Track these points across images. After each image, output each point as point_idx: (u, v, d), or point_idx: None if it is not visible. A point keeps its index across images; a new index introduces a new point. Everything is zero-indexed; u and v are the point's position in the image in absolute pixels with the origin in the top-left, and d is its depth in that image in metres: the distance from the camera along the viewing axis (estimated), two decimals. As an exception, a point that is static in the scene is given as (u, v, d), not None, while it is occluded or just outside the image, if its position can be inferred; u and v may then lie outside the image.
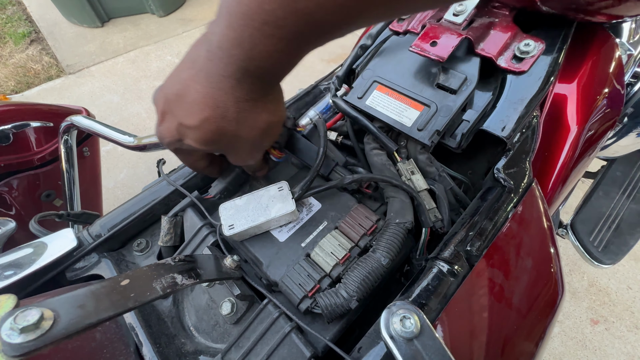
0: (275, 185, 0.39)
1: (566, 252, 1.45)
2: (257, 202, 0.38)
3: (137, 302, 0.24)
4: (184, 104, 0.27)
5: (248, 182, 0.45)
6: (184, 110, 0.28)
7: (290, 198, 0.38)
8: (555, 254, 0.39)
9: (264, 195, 0.38)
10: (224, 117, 0.27)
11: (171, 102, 0.28)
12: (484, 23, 0.43)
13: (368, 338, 0.31)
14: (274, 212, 0.37)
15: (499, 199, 0.39)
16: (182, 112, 0.28)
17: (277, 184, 0.39)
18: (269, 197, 0.38)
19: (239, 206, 0.38)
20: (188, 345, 0.36)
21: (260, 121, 0.29)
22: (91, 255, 0.41)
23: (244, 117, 0.28)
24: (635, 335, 1.27)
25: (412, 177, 0.42)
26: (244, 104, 0.27)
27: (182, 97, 0.27)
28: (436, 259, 0.34)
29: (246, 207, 0.38)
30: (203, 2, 2.76)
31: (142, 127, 1.88)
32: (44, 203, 0.87)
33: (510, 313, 0.34)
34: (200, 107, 0.27)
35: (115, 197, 1.57)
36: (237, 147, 0.31)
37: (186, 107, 0.27)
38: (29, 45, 2.28)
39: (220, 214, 0.38)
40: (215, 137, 0.28)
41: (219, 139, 0.29)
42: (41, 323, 0.20)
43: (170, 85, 0.29)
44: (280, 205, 0.37)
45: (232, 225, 0.36)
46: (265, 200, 0.38)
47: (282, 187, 0.39)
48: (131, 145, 0.55)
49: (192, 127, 0.28)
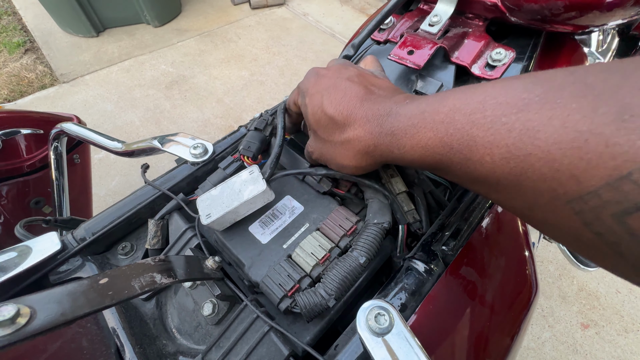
0: (246, 170, 0.40)
1: (555, 257, 1.47)
2: (230, 188, 0.38)
3: (114, 300, 0.25)
4: (334, 96, 0.32)
5: None
6: (330, 95, 0.32)
7: (261, 179, 0.38)
8: (530, 255, 0.41)
9: (237, 182, 0.39)
10: (343, 124, 0.31)
11: (325, 86, 0.33)
12: (458, 33, 0.45)
13: (345, 336, 0.32)
14: (246, 194, 0.37)
15: (474, 201, 0.40)
16: (328, 94, 0.32)
17: (247, 168, 0.40)
18: (241, 182, 0.39)
19: (214, 196, 0.38)
20: (169, 346, 0.36)
21: (345, 158, 0.33)
22: (75, 259, 0.41)
23: (346, 142, 0.32)
24: (625, 339, 1.28)
25: (391, 179, 0.43)
26: (347, 141, 0.31)
27: (336, 100, 0.32)
28: (412, 258, 0.36)
29: (221, 195, 0.38)
30: (198, 13, 2.81)
31: (135, 135, 1.88)
32: (33, 210, 0.87)
33: (484, 310, 0.35)
34: (342, 103, 0.31)
35: (106, 204, 1.55)
36: (325, 143, 0.35)
37: (332, 95, 0.32)
38: (24, 55, 2.30)
39: (198, 205, 0.38)
40: (324, 123, 0.33)
41: (325, 124, 0.33)
42: (17, 319, 0.21)
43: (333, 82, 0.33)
44: (252, 187, 0.38)
45: (209, 214, 0.37)
46: (238, 185, 0.38)
47: (252, 170, 0.39)
48: (119, 151, 0.56)
49: (322, 105, 0.32)
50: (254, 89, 2.18)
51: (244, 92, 2.16)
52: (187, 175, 0.48)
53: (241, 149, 0.43)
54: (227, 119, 2.01)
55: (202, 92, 2.15)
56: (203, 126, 1.97)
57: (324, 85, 0.33)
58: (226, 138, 0.52)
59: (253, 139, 0.44)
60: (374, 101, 0.30)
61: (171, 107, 2.05)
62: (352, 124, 0.30)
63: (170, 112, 2.02)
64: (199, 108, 2.06)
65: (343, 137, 0.31)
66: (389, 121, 0.28)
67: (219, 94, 2.15)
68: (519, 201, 0.20)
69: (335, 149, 0.33)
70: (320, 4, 3.02)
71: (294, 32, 2.69)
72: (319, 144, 0.35)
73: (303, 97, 0.35)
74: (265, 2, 2.89)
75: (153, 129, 1.92)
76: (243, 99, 2.12)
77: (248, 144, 0.43)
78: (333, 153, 0.34)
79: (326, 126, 0.32)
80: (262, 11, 2.89)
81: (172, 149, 0.48)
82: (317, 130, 0.34)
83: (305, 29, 2.73)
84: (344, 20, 2.85)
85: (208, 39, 2.56)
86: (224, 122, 1.99)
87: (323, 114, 0.32)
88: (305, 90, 0.35)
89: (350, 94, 0.31)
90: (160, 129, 1.92)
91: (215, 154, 0.47)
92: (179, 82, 2.21)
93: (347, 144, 0.31)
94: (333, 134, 0.32)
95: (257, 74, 2.28)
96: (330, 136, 0.33)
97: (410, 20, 0.50)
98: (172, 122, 1.97)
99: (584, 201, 0.16)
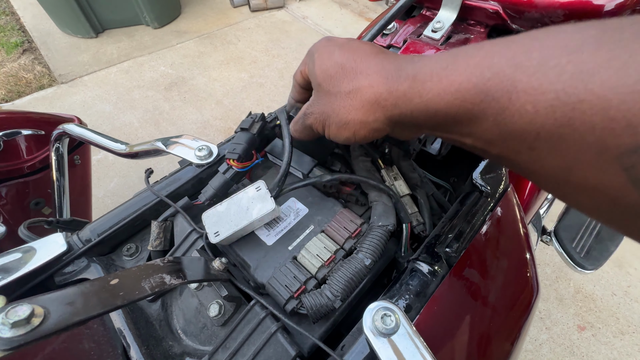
0: (253, 186, 0.39)
1: (552, 260, 1.48)
2: (237, 205, 0.38)
3: (125, 300, 0.25)
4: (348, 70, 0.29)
5: (236, 190, 0.46)
6: (343, 48, 0.30)
7: (269, 197, 0.38)
8: (531, 257, 0.41)
9: (243, 198, 0.39)
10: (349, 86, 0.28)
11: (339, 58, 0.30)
12: (460, 39, 0.46)
13: (351, 336, 0.32)
14: (255, 213, 0.37)
15: (476, 204, 0.41)
16: (340, 47, 0.30)
17: (254, 184, 0.39)
18: (249, 199, 0.38)
19: (220, 212, 0.38)
20: (176, 347, 0.36)
21: (349, 110, 0.29)
22: (80, 260, 0.41)
23: (352, 103, 0.28)
24: (620, 340, 1.29)
25: (395, 182, 0.44)
26: (360, 107, 0.28)
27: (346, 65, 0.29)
28: (417, 259, 0.36)
29: (228, 212, 0.38)
30: (198, 15, 2.82)
31: (134, 136, 1.88)
32: (33, 211, 0.87)
33: (486, 311, 0.35)
34: (350, 65, 0.28)
35: (105, 206, 1.55)
36: (329, 97, 0.31)
37: (344, 48, 0.30)
38: (22, 55, 2.29)
39: (204, 222, 0.38)
40: (332, 72, 0.29)
41: (333, 73, 0.30)
42: (32, 319, 0.21)
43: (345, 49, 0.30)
44: (260, 205, 0.38)
45: (217, 232, 0.37)
46: (245, 202, 0.38)
47: (259, 186, 0.39)
48: (123, 152, 0.56)
49: (330, 70, 0.30)
50: (254, 91, 2.18)
51: (244, 94, 2.17)
52: (192, 177, 0.48)
53: (226, 153, 0.42)
54: (226, 121, 2.01)
55: (202, 93, 2.15)
56: (202, 128, 1.97)
57: (337, 43, 0.31)
58: (230, 140, 0.53)
59: (239, 140, 0.43)
60: (391, 55, 0.28)
61: (170, 109, 2.04)
62: (365, 71, 0.27)
63: (169, 113, 2.02)
64: (198, 110, 2.06)
65: (351, 86, 0.28)
66: (409, 67, 0.25)
67: (218, 95, 2.15)
68: (557, 159, 0.18)
69: (339, 101, 0.29)
70: (320, 7, 3.04)
71: (293, 34, 2.70)
72: (321, 100, 0.31)
73: (312, 57, 0.32)
74: (264, 5, 2.90)
75: (152, 130, 1.92)
76: (242, 101, 2.12)
77: (233, 146, 0.43)
78: (337, 107, 0.29)
79: (334, 75, 0.29)
80: (261, 14, 2.90)
81: (177, 151, 0.48)
82: (323, 82, 0.30)
83: (305, 31, 2.75)
84: (342, 24, 2.86)
85: (207, 41, 2.57)
86: (224, 124, 1.99)
87: (332, 62, 0.29)
88: (315, 50, 0.32)
89: (364, 49, 0.29)
90: (159, 130, 1.92)
91: (220, 156, 0.47)
92: (178, 83, 2.21)
93: (355, 92, 0.28)
94: (341, 82, 0.29)
95: (257, 76, 2.28)
96: (336, 86, 0.29)
97: (413, 26, 0.51)
98: (171, 124, 1.96)
99: (638, 154, 0.14)
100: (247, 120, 0.45)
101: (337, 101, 0.29)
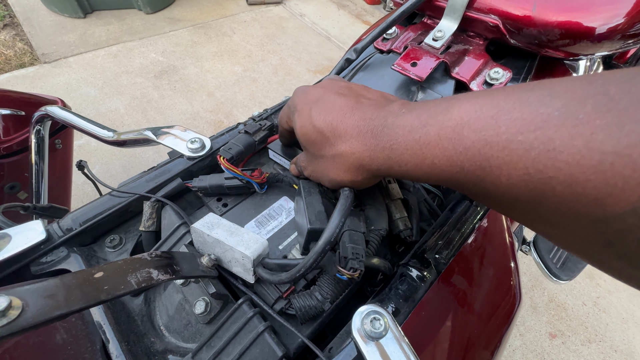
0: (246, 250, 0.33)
1: (529, 269, 1.54)
2: (223, 247, 0.34)
3: (110, 295, 0.24)
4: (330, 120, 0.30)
5: (227, 196, 0.45)
6: (318, 107, 0.31)
7: (251, 274, 0.34)
8: (515, 266, 0.42)
9: (232, 245, 0.33)
10: (330, 136, 0.29)
11: (315, 103, 0.31)
12: (460, 49, 0.47)
13: (339, 339, 0.32)
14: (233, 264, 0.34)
15: (466, 212, 0.42)
16: (316, 107, 0.31)
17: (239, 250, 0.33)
18: (235, 259, 0.34)
19: (209, 243, 0.35)
20: (158, 344, 0.35)
21: (338, 173, 0.31)
22: (60, 249, 0.39)
23: (338, 155, 0.29)
24: (588, 349, 1.36)
25: (388, 185, 0.44)
26: (342, 153, 0.29)
27: (334, 125, 0.29)
28: (407, 265, 0.36)
29: (215, 244, 0.34)
30: (193, 3, 2.75)
31: (119, 123, 1.82)
32: (7, 195, 0.82)
33: (471, 318, 0.36)
34: (332, 118, 0.29)
35: (84, 193, 1.50)
36: (316, 159, 0.33)
37: (320, 107, 0.30)
38: (1, 30, 2.17)
39: (192, 234, 0.36)
40: (313, 137, 0.31)
41: (314, 139, 0.31)
42: (8, 311, 0.20)
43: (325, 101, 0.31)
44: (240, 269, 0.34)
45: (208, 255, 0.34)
46: (230, 255, 0.34)
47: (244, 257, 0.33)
48: (110, 140, 0.54)
49: (311, 124, 0.30)
50: (247, 85, 2.15)
51: (236, 88, 2.13)
52: (183, 170, 0.47)
53: (221, 149, 0.42)
54: (217, 114, 1.97)
55: (193, 84, 2.11)
56: (192, 119, 1.93)
57: (312, 99, 0.32)
58: (223, 134, 0.52)
59: (238, 142, 0.42)
60: (365, 110, 0.28)
61: (159, 97, 1.99)
62: (343, 135, 0.28)
63: (157, 102, 1.97)
64: (189, 100, 2.01)
65: (334, 151, 0.29)
66: (385, 133, 0.25)
67: (210, 87, 2.11)
68: (538, 219, 0.19)
69: (327, 165, 0.31)
70: (317, 6, 3.03)
71: (290, 31, 2.68)
72: (311, 160, 0.33)
73: (292, 113, 0.34)
74: (262, -1, 2.87)
75: (139, 118, 1.86)
76: (234, 95, 2.09)
77: (231, 145, 0.42)
78: (325, 169, 0.31)
79: (315, 140, 0.30)
80: (258, 8, 2.86)
81: (168, 142, 0.47)
82: (307, 145, 0.32)
83: (301, 29, 2.73)
84: (339, 25, 2.87)
85: (202, 31, 2.51)
86: (214, 117, 1.96)
87: (311, 127, 0.30)
88: (294, 106, 0.33)
89: (339, 105, 0.29)
90: (146, 118, 1.86)
91: (213, 149, 0.46)
92: (168, 72, 2.15)
93: (338, 157, 0.29)
94: (323, 148, 0.30)
95: (250, 71, 2.25)
96: (320, 151, 0.30)
97: (414, 33, 0.52)
98: (160, 113, 1.91)
99: (607, 224, 0.15)
100: (254, 125, 0.44)
101: (324, 163, 0.31)
